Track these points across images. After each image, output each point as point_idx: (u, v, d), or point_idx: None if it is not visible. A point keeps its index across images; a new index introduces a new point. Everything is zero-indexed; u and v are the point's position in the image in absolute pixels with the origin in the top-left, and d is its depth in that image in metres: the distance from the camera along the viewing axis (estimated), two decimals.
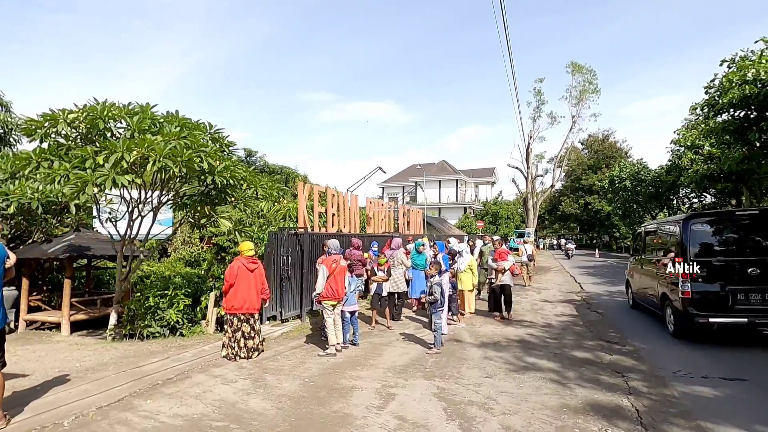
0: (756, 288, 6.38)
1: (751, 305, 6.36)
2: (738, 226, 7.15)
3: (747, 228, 6.98)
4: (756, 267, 6.42)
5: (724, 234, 7.14)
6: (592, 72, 27.05)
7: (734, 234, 7.06)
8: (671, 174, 28.80)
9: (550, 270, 21.97)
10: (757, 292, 6.37)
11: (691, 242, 6.99)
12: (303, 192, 9.26)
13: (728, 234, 7.12)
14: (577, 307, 10.32)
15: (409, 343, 6.83)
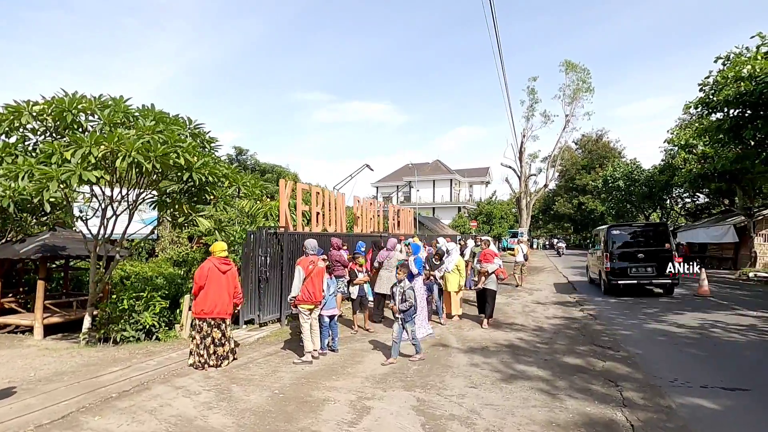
0: (640, 265, 11.97)
1: (638, 274, 11.96)
2: (635, 232, 13.06)
3: (639, 233, 12.96)
4: (641, 254, 12.05)
5: (627, 236, 12.82)
6: (585, 71, 26.87)
7: (632, 236, 12.82)
8: (664, 174, 28.67)
9: (544, 270, 21.72)
10: (641, 267, 11.97)
11: (610, 240, 12.53)
12: (284, 189, 8.87)
13: (629, 236, 12.83)
14: (569, 310, 10.02)
15: None
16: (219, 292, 5.50)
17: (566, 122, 27.19)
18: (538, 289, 14.09)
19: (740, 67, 12.93)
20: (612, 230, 12.91)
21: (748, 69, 12.68)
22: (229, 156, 37.72)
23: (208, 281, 5.45)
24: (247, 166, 37.35)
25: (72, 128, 7.71)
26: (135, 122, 8.01)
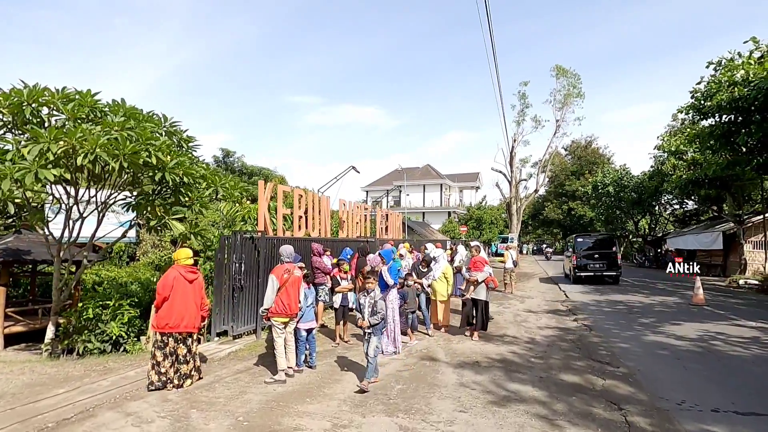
0: (595, 262, 17.19)
1: (594, 268, 17.11)
2: (593, 240, 18.35)
3: (596, 241, 18.20)
4: (596, 255, 17.30)
5: (588, 242, 18.07)
6: (576, 76, 26.72)
7: (591, 242, 18.08)
8: (654, 180, 28.67)
9: (534, 276, 21.40)
10: (595, 262, 17.15)
11: (576, 245, 17.99)
12: (264, 191, 8.35)
13: (589, 242, 18.09)
14: (562, 319, 9.62)
15: None
16: (185, 303, 4.96)
17: (557, 127, 27.01)
18: (529, 296, 13.71)
19: (734, 72, 12.75)
20: (578, 238, 18.59)
21: (741, 74, 12.51)
22: (216, 158, 36.98)
23: (173, 292, 4.90)
24: (234, 169, 36.63)
25: (32, 123, 7.13)
26: (103, 118, 7.48)
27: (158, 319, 4.96)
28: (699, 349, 6.82)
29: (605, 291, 14.77)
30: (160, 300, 4.90)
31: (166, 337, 4.89)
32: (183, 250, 5.23)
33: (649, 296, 13.53)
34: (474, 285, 7.27)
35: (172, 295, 4.90)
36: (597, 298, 12.98)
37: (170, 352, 4.87)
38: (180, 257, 5.13)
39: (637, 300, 12.59)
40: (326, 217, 10.81)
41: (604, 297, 13.24)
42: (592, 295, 13.73)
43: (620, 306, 11.50)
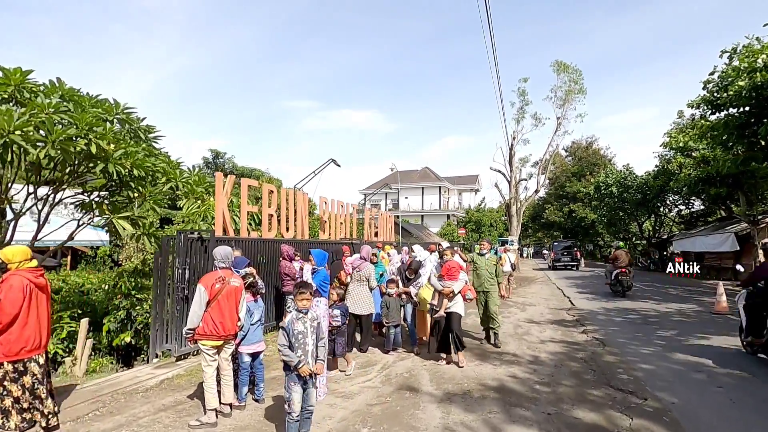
0: (565, 257, 29.35)
1: (564, 261, 29.19)
2: (563, 243, 31.90)
3: (565, 245, 31.08)
4: (564, 252, 29.68)
5: (561, 245, 31.32)
6: (577, 72, 25.68)
7: (562, 245, 31.21)
8: (659, 179, 27.51)
9: (536, 281, 20.20)
10: (564, 257, 29.36)
11: (553, 247, 31.87)
12: (223, 185, 7.19)
13: (561, 245, 31.32)
14: (570, 331, 8.43)
15: (343, 396, 4.77)
16: (39, 318, 3.70)
17: (558, 125, 25.93)
18: (531, 303, 12.51)
19: (756, 56, 11.62)
20: (554, 243, 30.61)
21: (763, 58, 11.38)
22: (206, 159, 35.84)
23: (26, 305, 3.64)
24: (225, 170, 35.49)
25: None
26: (33, 99, 6.33)
27: (7, 345, 3.57)
28: (741, 372, 5.62)
29: (613, 298, 13.57)
30: (9, 319, 3.54)
31: (21, 364, 3.62)
32: (16, 248, 3.82)
33: (663, 303, 12.33)
34: (448, 298, 5.78)
35: (25, 310, 3.62)
36: (605, 306, 11.78)
37: (37, 382, 3.65)
38: (16, 259, 3.73)
39: (650, 308, 11.39)
40: (303, 216, 9.64)
41: (613, 305, 12.04)
42: (599, 302, 12.53)
43: (632, 315, 10.30)
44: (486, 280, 7.12)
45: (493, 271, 7.24)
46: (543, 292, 15.51)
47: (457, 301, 5.88)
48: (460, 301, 5.95)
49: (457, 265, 5.82)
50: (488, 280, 7.13)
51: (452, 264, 5.83)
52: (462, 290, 5.88)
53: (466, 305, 6.16)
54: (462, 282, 5.84)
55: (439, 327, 5.88)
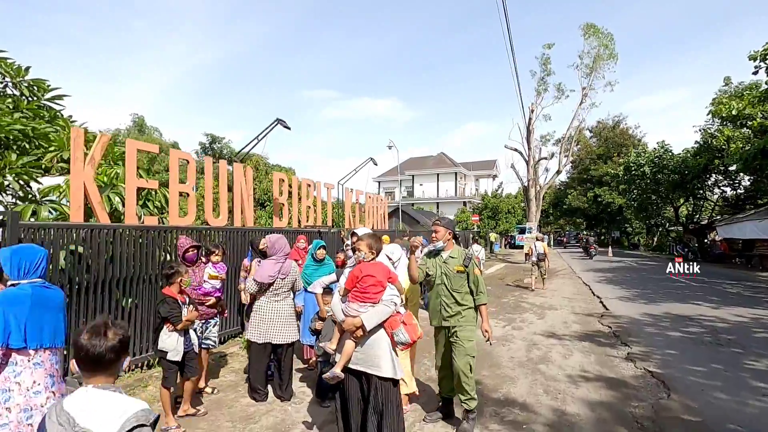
0: None
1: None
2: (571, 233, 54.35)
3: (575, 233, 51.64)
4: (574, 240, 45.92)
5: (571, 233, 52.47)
6: (609, 35, 22.35)
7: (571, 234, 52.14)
8: (701, 157, 24.12)
9: (557, 274, 17.43)
10: None
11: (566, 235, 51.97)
12: (85, 145, 4.84)
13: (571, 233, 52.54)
14: (608, 356, 5.85)
15: None
16: None
17: (583, 96, 22.74)
18: (551, 306, 9.90)
19: None
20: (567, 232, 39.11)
21: None
22: (202, 144, 33.98)
23: None
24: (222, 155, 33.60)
25: None
26: None
27: None
28: None
29: (656, 297, 10.82)
30: None
31: None
32: None
33: (725, 307, 9.54)
34: (353, 334, 2.85)
35: None
36: (649, 311, 9.07)
37: None
38: None
39: (712, 315, 8.63)
40: (245, 197, 7.24)
41: (660, 308, 9.33)
42: (639, 305, 9.81)
43: (693, 326, 7.60)
44: (444, 305, 3.63)
45: (465, 286, 3.61)
46: (566, 289, 12.83)
47: (378, 341, 2.85)
48: (385, 343, 2.86)
49: (381, 273, 2.91)
50: (448, 305, 3.61)
51: (369, 270, 2.90)
52: (388, 321, 2.87)
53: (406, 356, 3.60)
54: (384, 309, 2.84)
55: (343, 400, 2.98)
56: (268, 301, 4.22)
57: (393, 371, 2.81)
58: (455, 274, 3.62)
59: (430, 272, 3.74)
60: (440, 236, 3.73)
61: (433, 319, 3.77)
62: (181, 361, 3.60)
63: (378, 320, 2.78)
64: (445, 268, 3.67)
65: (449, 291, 3.63)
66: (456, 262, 3.65)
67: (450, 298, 3.62)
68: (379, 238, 3.04)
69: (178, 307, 3.51)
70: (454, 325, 3.60)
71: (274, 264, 4.25)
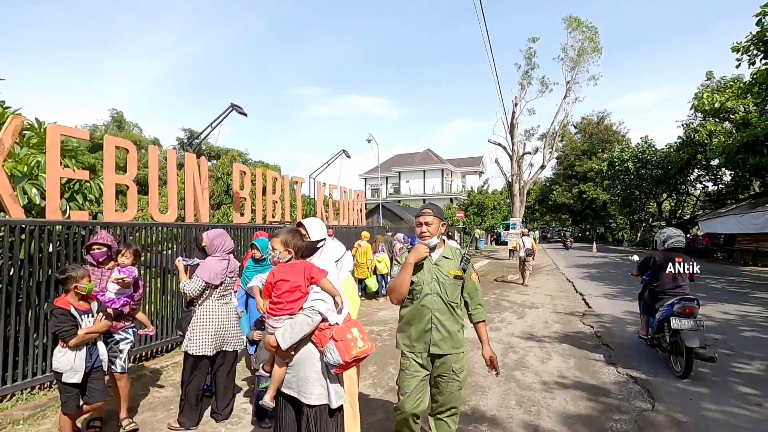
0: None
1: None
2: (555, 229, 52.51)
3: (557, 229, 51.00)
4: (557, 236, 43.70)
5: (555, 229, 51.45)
6: (593, 29, 22.05)
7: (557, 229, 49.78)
8: (684, 152, 24.09)
9: (541, 270, 17.11)
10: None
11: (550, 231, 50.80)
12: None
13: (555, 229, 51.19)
14: (590, 359, 5.41)
15: None
16: None
17: (567, 89, 22.43)
18: (532, 304, 9.48)
19: None
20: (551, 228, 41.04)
21: None
22: (180, 140, 32.96)
23: None
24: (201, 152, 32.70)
25: None
26: None
27: None
28: None
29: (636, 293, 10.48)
30: None
31: None
32: None
33: (711, 303, 9.20)
34: (276, 354, 2.30)
35: None
36: (634, 309, 8.63)
37: None
38: None
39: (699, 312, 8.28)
40: (199, 190, 6.62)
41: None
42: (622, 303, 9.45)
43: None
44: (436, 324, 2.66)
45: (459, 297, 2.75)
46: (549, 286, 12.46)
47: (304, 364, 2.28)
48: (316, 366, 2.28)
49: (297, 275, 2.28)
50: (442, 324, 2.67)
51: (283, 273, 2.29)
52: (317, 338, 2.28)
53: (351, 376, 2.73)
54: (302, 321, 2.23)
55: (277, 428, 2.40)
56: (216, 305, 3.67)
57: (325, 398, 2.28)
58: (452, 281, 2.67)
59: (415, 281, 2.68)
60: (433, 230, 2.67)
61: (413, 343, 2.67)
62: (82, 383, 3.01)
63: (295, 336, 2.23)
64: (438, 274, 2.67)
65: (445, 304, 2.64)
66: (451, 265, 2.71)
67: (446, 314, 2.64)
68: (300, 234, 2.49)
69: (69, 320, 2.91)
70: (448, 353, 2.64)
71: (220, 261, 3.71)
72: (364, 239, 10.06)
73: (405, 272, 2.63)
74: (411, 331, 2.69)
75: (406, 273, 2.62)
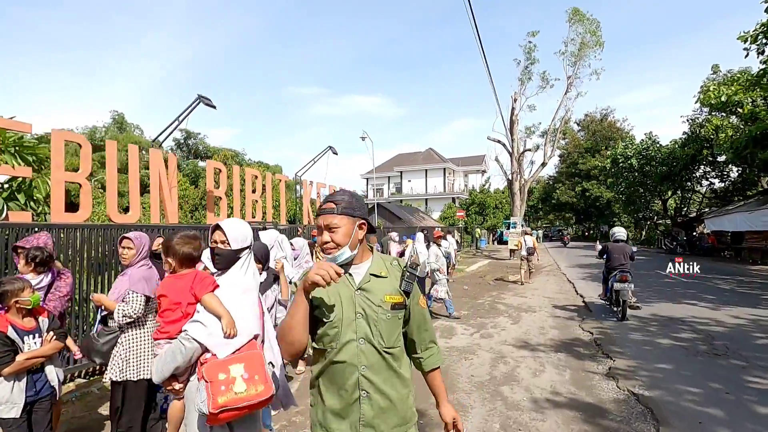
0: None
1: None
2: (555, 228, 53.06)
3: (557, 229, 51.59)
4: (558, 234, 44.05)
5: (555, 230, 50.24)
6: (595, 22, 21.48)
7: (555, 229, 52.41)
8: (689, 148, 23.43)
9: (542, 270, 16.55)
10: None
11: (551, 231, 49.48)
12: None
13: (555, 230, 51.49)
14: (587, 370, 4.88)
15: None
16: None
17: (569, 84, 21.86)
18: (529, 307, 8.96)
19: None
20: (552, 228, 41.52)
21: None
22: (176, 140, 32.62)
23: None
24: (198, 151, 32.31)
25: None
26: None
27: None
28: None
29: (643, 296, 9.93)
30: None
31: None
32: None
33: (722, 307, 8.66)
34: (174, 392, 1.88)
35: None
36: (636, 313, 8.14)
37: None
38: None
39: (707, 317, 7.73)
40: (166, 189, 6.16)
41: (648, 309, 8.42)
42: None
43: (685, 331, 6.68)
44: (367, 387, 1.55)
45: (401, 337, 1.65)
46: (549, 287, 11.93)
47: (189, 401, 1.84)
48: None
49: (177, 290, 1.93)
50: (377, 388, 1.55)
51: (164, 287, 1.96)
52: (198, 372, 1.80)
53: None
54: (175, 350, 1.79)
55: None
56: (153, 320, 3.16)
57: None
58: (388, 314, 1.58)
59: (327, 319, 1.54)
60: (340, 238, 1.55)
61: (331, 425, 1.54)
62: (27, 416, 2.52)
63: (165, 369, 1.74)
64: (366, 305, 1.57)
65: (380, 355, 1.56)
66: (387, 287, 1.60)
67: (383, 371, 1.56)
68: (192, 239, 2.00)
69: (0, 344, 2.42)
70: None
71: (149, 269, 3.22)
72: None
73: (296, 309, 1.50)
74: (328, 403, 1.55)
75: (297, 310, 1.50)
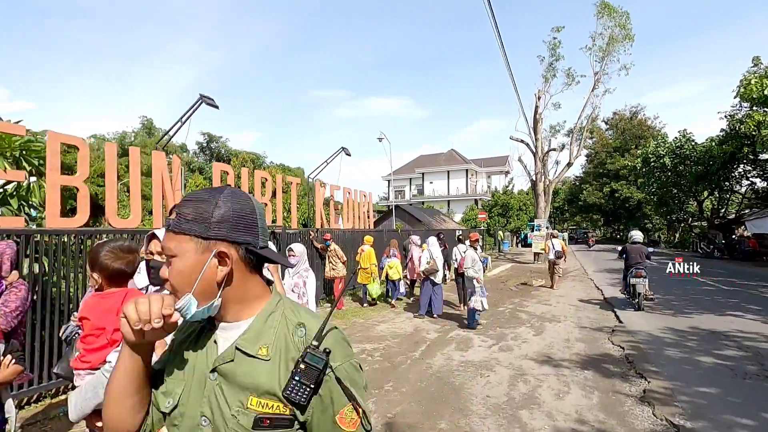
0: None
1: None
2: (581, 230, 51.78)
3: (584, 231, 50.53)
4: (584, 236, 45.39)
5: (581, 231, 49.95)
6: (625, 14, 20.53)
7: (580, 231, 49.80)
8: (728, 145, 22.09)
9: (568, 275, 15.81)
10: None
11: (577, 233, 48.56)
12: None
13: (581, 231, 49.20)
14: (618, 392, 4.37)
15: None
16: None
17: (596, 81, 20.94)
18: (553, 316, 8.39)
19: None
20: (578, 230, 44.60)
21: None
22: (199, 144, 33.12)
23: None
24: (221, 155, 32.73)
25: None
26: None
27: None
28: None
29: (680, 306, 9.20)
30: None
31: None
32: None
33: (766, 318, 7.91)
34: None
35: None
36: (673, 325, 7.48)
37: None
38: None
39: (752, 330, 7.00)
40: (170, 192, 5.97)
41: (686, 321, 7.74)
42: (660, 316, 8.24)
43: (730, 348, 6.02)
44: None
45: None
46: (575, 294, 11.28)
47: None
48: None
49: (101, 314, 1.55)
50: None
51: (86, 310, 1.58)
52: None
53: None
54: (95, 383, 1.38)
55: None
56: None
57: None
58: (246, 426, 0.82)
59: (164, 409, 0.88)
60: (175, 276, 0.85)
61: None
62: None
63: (85, 406, 1.41)
64: (215, 398, 0.84)
65: None
66: (259, 379, 0.83)
67: None
68: (125, 252, 1.67)
69: None
70: None
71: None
72: (367, 243, 9.43)
73: (116, 373, 0.88)
74: None
75: (117, 374, 0.87)
